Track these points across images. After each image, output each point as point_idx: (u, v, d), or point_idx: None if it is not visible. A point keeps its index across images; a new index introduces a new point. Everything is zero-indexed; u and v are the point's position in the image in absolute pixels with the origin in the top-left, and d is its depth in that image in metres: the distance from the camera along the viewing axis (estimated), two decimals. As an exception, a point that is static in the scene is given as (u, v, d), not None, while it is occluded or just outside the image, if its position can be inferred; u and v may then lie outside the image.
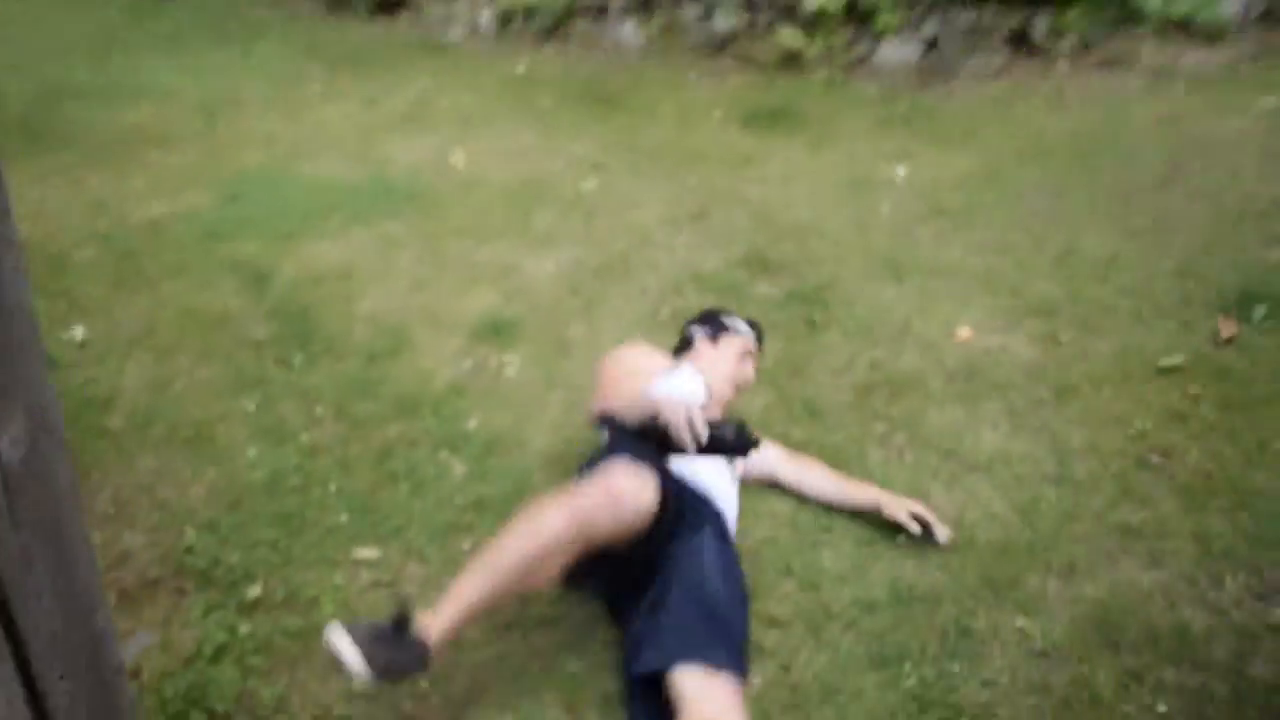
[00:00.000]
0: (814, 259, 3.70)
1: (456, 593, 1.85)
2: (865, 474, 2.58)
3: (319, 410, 2.81)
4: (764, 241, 3.83)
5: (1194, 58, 5.43)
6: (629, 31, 6.33)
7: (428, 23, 6.97)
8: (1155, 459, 2.62)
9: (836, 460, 2.62)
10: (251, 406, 2.82)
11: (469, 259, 3.72)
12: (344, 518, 2.45)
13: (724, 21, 6.05)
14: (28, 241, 3.69)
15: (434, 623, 1.81)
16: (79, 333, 3.15)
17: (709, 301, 3.39)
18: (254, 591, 2.22)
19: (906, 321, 3.26)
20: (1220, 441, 2.66)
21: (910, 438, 2.72)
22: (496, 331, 3.22)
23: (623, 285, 3.54)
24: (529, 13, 6.43)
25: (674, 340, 3.02)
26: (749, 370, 2.64)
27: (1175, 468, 2.59)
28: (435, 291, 3.48)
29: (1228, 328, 3.08)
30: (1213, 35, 5.47)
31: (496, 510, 2.44)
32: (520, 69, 6.04)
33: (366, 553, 2.34)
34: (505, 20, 6.57)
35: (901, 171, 4.42)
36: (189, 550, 2.33)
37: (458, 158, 4.63)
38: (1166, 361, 2.97)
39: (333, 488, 2.54)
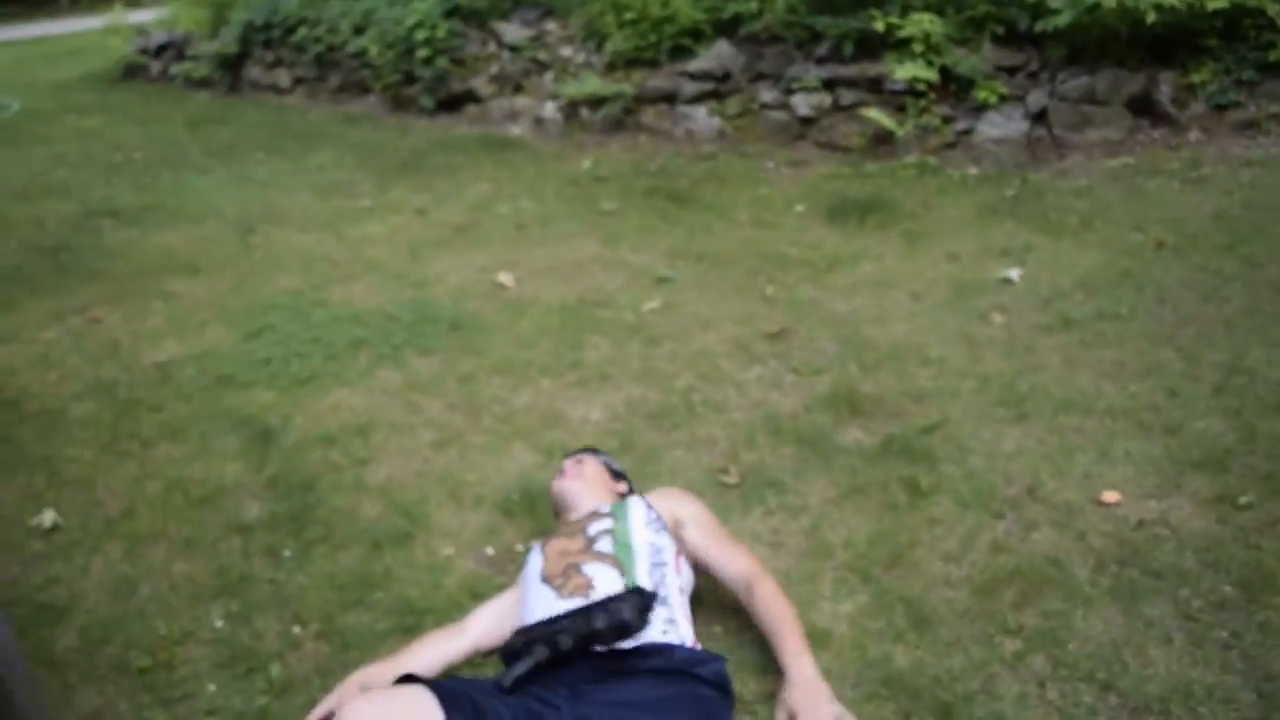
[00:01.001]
0: (916, 392, 3.06)
1: None
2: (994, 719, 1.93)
3: (297, 630, 2.29)
4: (855, 370, 3.22)
5: (1358, 117, 4.66)
6: (701, 118, 5.85)
7: (492, 118, 6.63)
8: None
9: (952, 698, 1.97)
10: (221, 621, 2.32)
11: (507, 404, 3.20)
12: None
13: (804, 102, 5.51)
14: (25, 395, 3.33)
15: None
16: (48, 518, 2.73)
17: (786, 457, 2.80)
18: None
19: (1035, 479, 2.60)
20: None
21: (1053, 661, 2.05)
22: (529, 505, 2.67)
23: (684, 434, 2.97)
24: (595, 103, 6.02)
25: (742, 510, 2.47)
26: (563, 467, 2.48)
27: None
28: (462, 450, 2.97)
29: None
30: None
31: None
32: (585, 164, 5.60)
33: None
34: (570, 112, 6.17)
35: (1015, 273, 3.76)
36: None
37: (506, 276, 4.16)
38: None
39: (302, 742, 2.01)
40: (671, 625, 1.98)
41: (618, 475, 2.53)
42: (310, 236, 4.74)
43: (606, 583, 2.01)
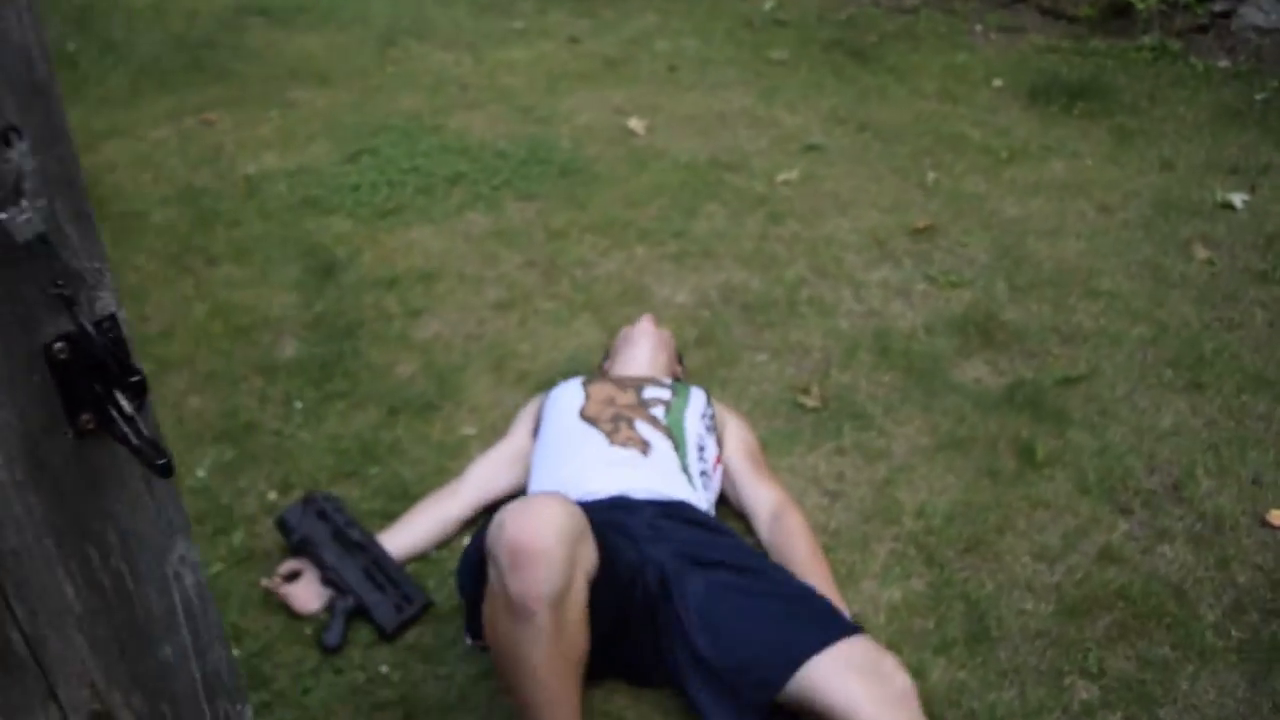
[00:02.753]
0: (1069, 330, 2.49)
1: None
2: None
3: (274, 496, 2.07)
4: (1002, 290, 2.66)
5: None
6: (911, -35, 5.03)
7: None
8: None
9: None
10: (204, 471, 2.14)
11: (590, 270, 2.84)
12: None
13: (1035, -44, 4.62)
14: (115, 194, 3.24)
15: None
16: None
17: (883, 385, 2.33)
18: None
19: (1187, 472, 2.03)
20: None
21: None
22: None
23: (776, 335, 2.53)
24: (792, -63, 5.29)
25: (809, 442, 2.09)
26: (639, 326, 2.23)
27: None
28: (524, 316, 2.64)
29: None
30: None
31: None
32: (768, 4, 4.96)
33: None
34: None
35: (1239, 198, 3.00)
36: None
37: (638, 122, 3.71)
38: None
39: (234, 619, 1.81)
40: None
41: (681, 358, 2.29)
42: (449, 55, 4.41)
43: (662, 453, 1.85)
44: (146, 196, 3.24)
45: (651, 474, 1.81)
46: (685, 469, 1.85)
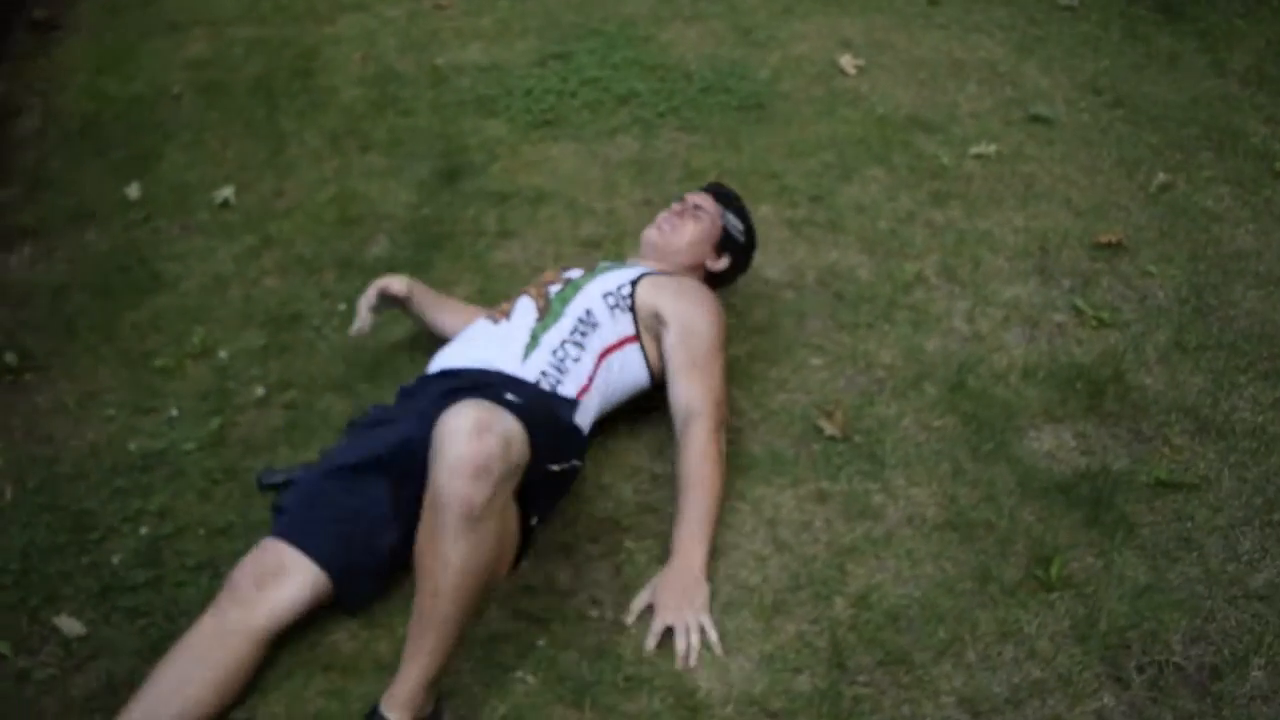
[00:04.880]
0: (1210, 420, 1.96)
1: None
2: None
3: (260, 391, 2.13)
4: (1160, 343, 2.12)
5: None
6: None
7: None
8: None
9: None
10: (225, 354, 2.25)
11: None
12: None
13: None
14: (321, 69, 3.42)
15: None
16: (226, 194, 2.80)
17: (923, 434, 1.96)
18: None
19: (1246, 653, 1.53)
20: None
21: None
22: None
23: (842, 342, 2.20)
24: None
25: (790, 480, 1.82)
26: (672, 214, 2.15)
27: None
28: (601, 257, 2.49)
29: None
30: None
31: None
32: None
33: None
34: None
35: None
36: None
37: (851, 61, 3.30)
38: None
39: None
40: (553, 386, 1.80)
41: (729, 245, 2.16)
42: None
43: (515, 326, 1.88)
44: (347, 74, 3.39)
45: (487, 346, 1.84)
46: (532, 341, 1.83)
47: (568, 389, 1.79)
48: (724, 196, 2.20)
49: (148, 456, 2.03)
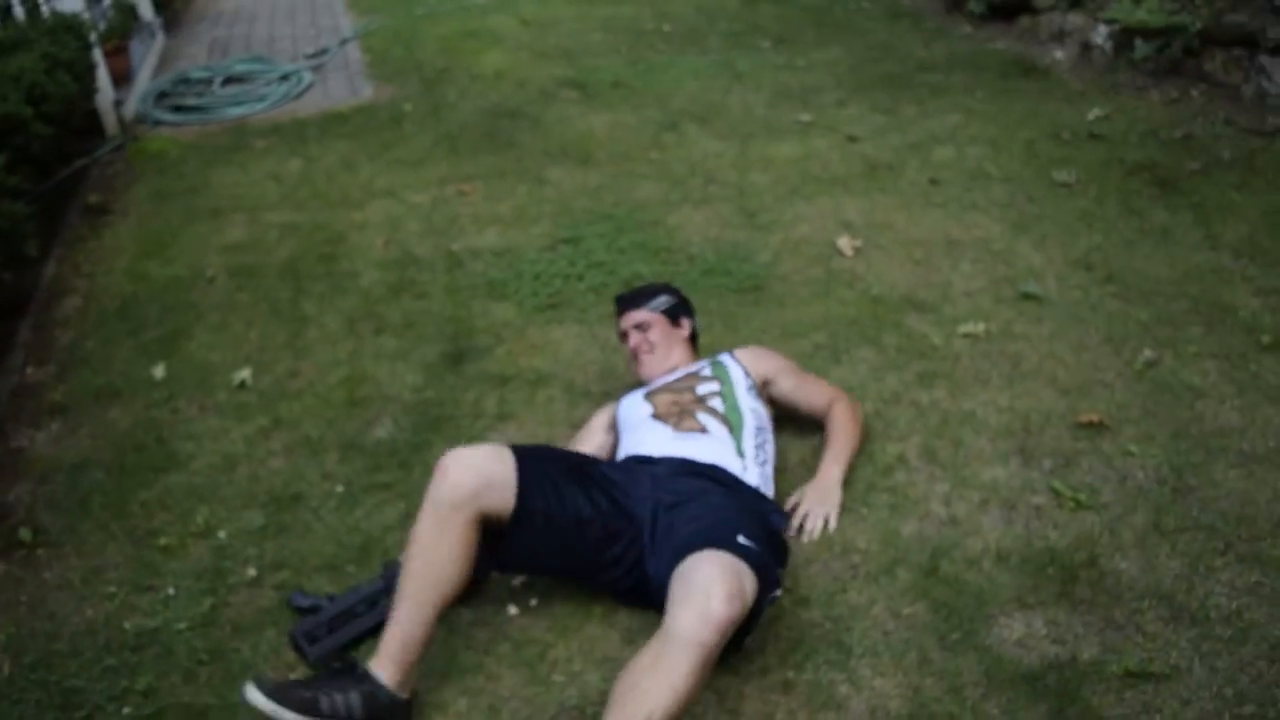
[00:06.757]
0: (1186, 606, 1.92)
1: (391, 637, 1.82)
2: None
3: (252, 573, 2.20)
4: (1137, 526, 2.12)
5: None
6: (1295, 78, 4.14)
7: (1038, 35, 5.46)
8: None
9: None
10: (225, 534, 2.34)
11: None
12: None
13: None
14: (347, 253, 3.63)
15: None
16: (243, 376, 2.96)
17: (899, 617, 1.96)
18: None
19: None
20: None
21: None
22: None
23: (820, 532, 2.22)
24: (1151, 36, 4.58)
25: (762, 666, 1.83)
26: (633, 349, 2.54)
27: None
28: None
29: None
30: None
31: None
32: (1092, 114, 4.35)
33: None
34: (1123, 42, 4.79)
35: None
36: None
37: (848, 242, 3.44)
38: None
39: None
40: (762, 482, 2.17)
41: (676, 314, 2.59)
42: (717, 145, 4.38)
43: (717, 434, 2.18)
44: (369, 258, 3.61)
45: (707, 449, 2.14)
46: (740, 450, 2.16)
47: (767, 488, 2.17)
48: (634, 300, 2.59)
49: (141, 635, 2.10)
